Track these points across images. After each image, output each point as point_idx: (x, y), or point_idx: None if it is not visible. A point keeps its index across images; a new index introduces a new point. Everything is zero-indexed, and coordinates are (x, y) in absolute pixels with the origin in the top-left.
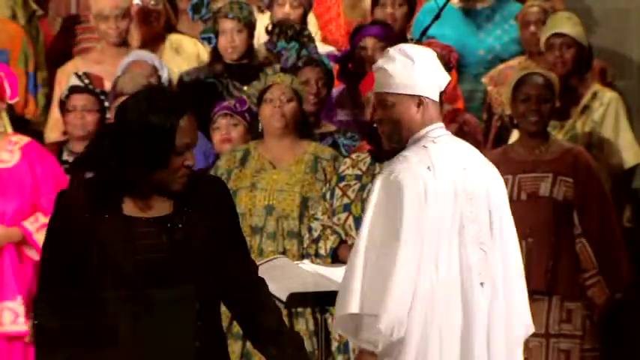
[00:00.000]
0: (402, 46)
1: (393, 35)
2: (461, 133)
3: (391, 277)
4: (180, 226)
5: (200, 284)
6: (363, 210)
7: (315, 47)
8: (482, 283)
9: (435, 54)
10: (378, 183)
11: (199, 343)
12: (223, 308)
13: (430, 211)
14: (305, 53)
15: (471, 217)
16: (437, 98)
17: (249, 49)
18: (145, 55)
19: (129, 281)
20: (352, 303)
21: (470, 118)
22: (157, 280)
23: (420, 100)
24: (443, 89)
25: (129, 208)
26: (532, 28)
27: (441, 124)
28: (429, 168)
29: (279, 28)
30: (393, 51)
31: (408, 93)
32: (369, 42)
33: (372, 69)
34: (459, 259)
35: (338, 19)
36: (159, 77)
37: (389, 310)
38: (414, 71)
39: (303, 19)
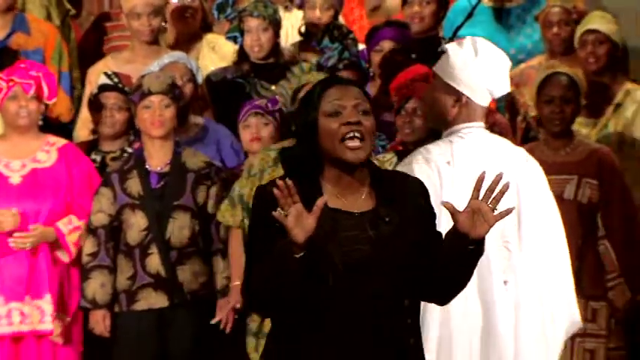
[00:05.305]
0: (480, 40)
1: (409, 34)
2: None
3: None
4: (387, 220)
5: (407, 280)
6: None
7: (357, 51)
8: (505, 282)
9: (506, 58)
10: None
11: (413, 340)
12: None
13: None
14: (346, 56)
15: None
16: (483, 102)
17: (275, 48)
18: (183, 57)
19: (334, 274)
20: None
21: (500, 118)
22: (364, 275)
23: (458, 97)
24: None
25: (334, 202)
26: (555, 29)
27: (481, 124)
28: (448, 163)
29: (326, 26)
30: (467, 41)
31: (451, 84)
32: (386, 45)
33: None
34: None
35: (361, 20)
36: (194, 81)
37: None
38: (470, 67)
39: (334, 21)
